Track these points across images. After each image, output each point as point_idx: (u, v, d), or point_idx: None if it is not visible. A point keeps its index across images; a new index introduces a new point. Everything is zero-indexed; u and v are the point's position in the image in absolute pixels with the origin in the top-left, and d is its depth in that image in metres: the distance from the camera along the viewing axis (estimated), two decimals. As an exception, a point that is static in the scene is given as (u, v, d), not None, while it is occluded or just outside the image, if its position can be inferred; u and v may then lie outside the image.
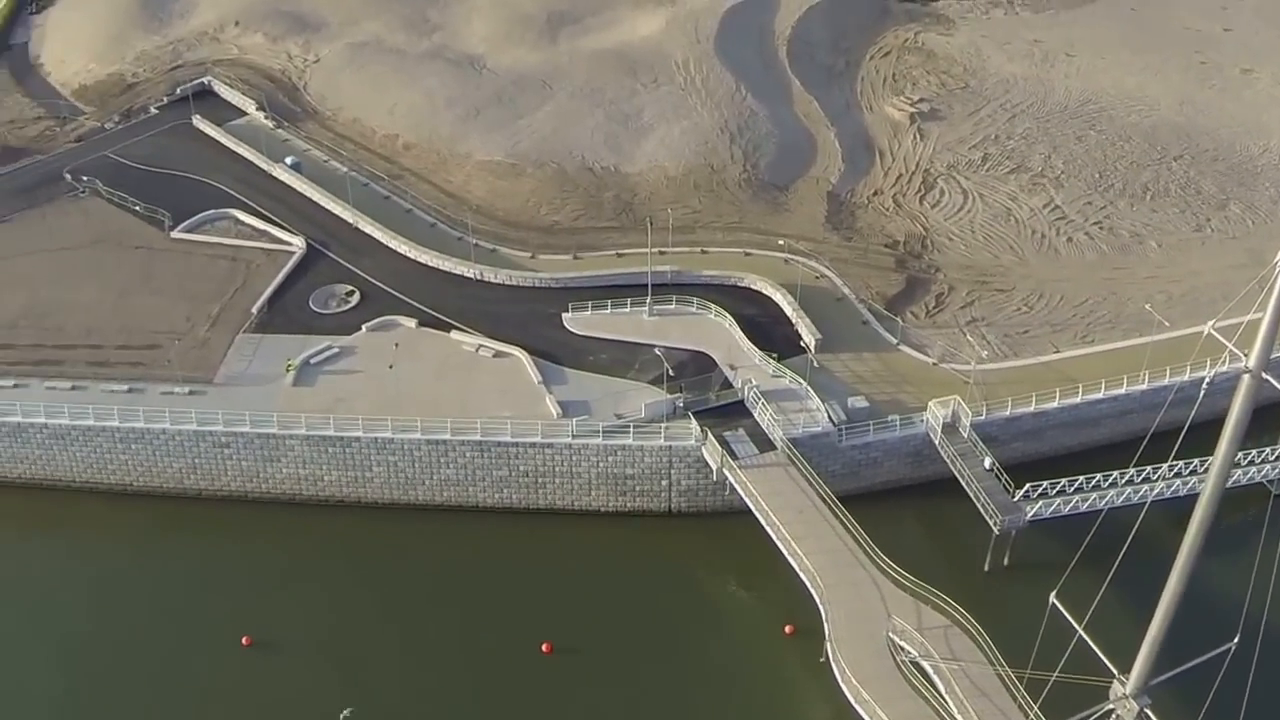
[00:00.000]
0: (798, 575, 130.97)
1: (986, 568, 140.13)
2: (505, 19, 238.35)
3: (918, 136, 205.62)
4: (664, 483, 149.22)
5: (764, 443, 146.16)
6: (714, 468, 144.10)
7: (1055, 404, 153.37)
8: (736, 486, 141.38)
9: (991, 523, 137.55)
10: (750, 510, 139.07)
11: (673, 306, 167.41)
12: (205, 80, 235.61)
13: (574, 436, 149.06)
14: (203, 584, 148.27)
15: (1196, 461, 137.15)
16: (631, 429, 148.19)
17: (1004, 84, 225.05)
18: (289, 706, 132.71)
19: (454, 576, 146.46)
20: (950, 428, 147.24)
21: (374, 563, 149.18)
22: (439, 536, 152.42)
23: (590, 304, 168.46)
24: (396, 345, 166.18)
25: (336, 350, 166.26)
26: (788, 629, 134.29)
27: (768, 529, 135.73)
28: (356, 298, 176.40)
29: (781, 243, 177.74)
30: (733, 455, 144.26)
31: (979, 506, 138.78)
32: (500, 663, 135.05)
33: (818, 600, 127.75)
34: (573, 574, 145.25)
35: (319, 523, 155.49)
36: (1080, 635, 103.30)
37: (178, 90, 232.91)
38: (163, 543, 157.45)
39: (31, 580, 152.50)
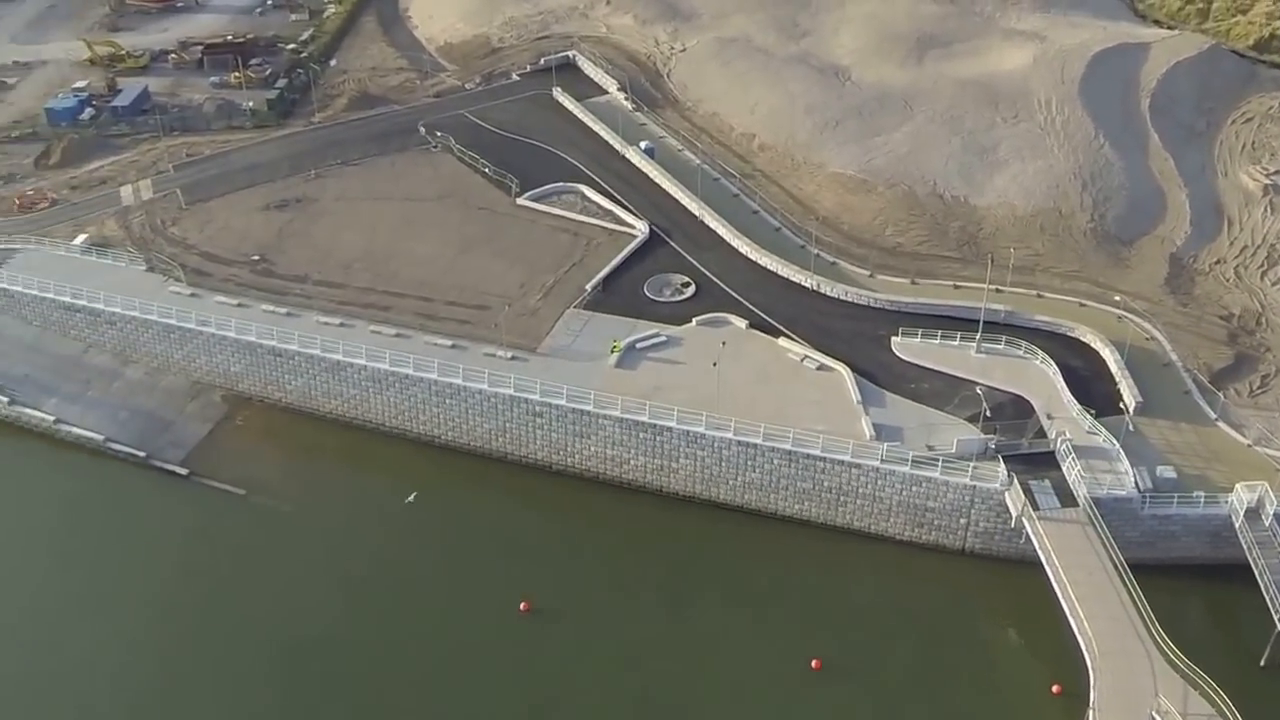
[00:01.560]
0: (1075, 635, 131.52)
1: (1263, 662, 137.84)
2: (875, 34, 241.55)
3: (1269, 209, 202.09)
4: (962, 521, 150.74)
5: (1067, 497, 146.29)
6: (1014, 514, 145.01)
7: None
8: (1032, 536, 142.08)
9: (1277, 618, 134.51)
10: (1040, 562, 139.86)
11: (1001, 346, 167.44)
12: (570, 54, 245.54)
13: (882, 461, 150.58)
14: (490, 543, 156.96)
15: None
16: (940, 463, 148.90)
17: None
18: (555, 674, 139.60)
19: (738, 578, 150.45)
20: (1253, 513, 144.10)
21: (665, 552, 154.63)
22: (732, 537, 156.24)
23: (920, 332, 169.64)
24: (724, 344, 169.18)
25: (664, 339, 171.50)
26: (1055, 688, 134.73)
27: (1054, 584, 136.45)
28: (691, 290, 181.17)
29: (1118, 298, 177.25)
30: (1034, 505, 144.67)
31: (1267, 599, 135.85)
32: (769, 673, 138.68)
33: (1089, 665, 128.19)
34: (856, 595, 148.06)
35: (617, 504, 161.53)
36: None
37: (542, 60, 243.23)
38: (459, 497, 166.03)
39: (328, 512, 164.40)
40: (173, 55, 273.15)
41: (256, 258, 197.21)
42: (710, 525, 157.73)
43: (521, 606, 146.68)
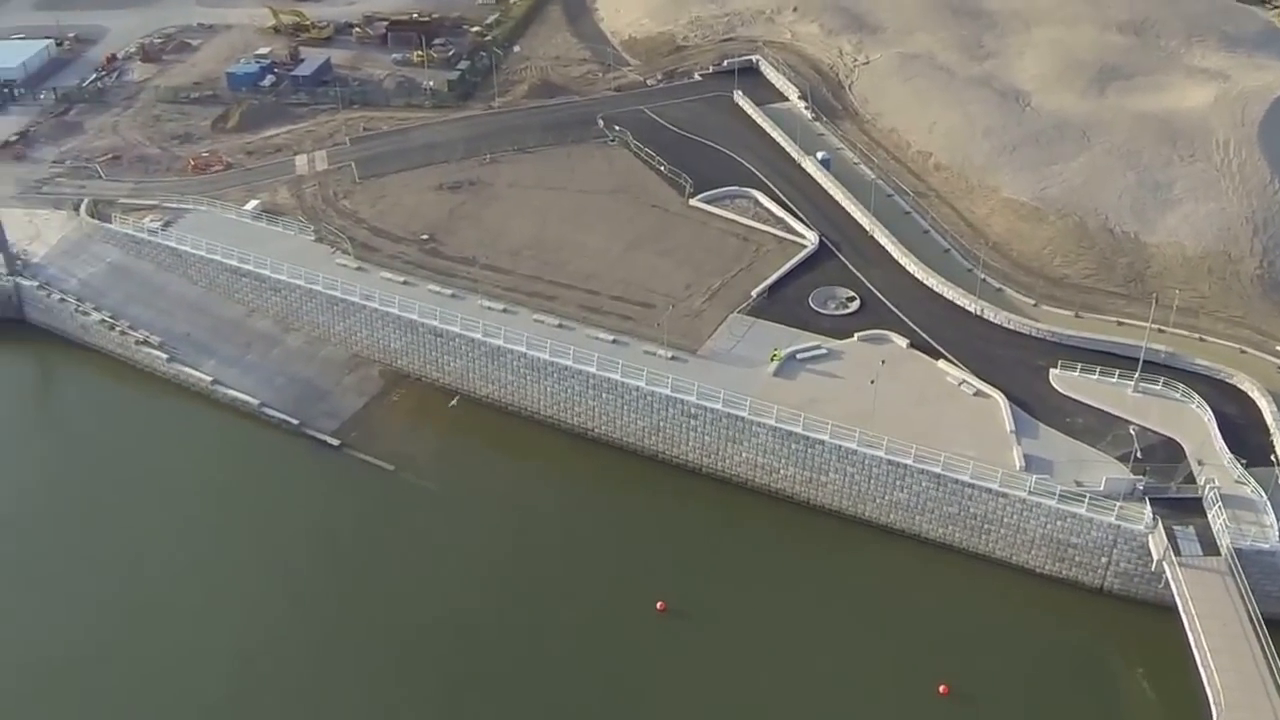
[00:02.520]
0: (1204, 686, 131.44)
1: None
2: (1058, 61, 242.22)
3: None
4: (1103, 559, 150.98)
5: (1210, 545, 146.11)
6: (1155, 557, 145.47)
7: None
8: (1171, 581, 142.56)
9: None
10: (1177, 607, 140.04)
11: (1158, 387, 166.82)
12: (753, 58, 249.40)
13: (1029, 492, 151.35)
14: (632, 539, 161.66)
15: None
16: (1087, 499, 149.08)
17: None
18: (683, 675, 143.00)
19: (874, 595, 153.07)
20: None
21: (804, 563, 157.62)
22: (873, 554, 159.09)
23: (1079, 366, 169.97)
24: (883, 361, 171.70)
25: (824, 351, 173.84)
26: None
27: (1188, 631, 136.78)
28: (856, 304, 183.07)
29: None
30: (1176, 550, 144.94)
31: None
32: (896, 693, 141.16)
33: (1214, 717, 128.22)
34: (989, 624, 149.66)
35: (763, 512, 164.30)
36: None
37: (725, 62, 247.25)
38: (606, 491, 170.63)
39: (475, 494, 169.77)
40: (357, 29, 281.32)
41: (425, 237, 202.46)
42: (852, 541, 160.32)
43: (658, 606, 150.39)
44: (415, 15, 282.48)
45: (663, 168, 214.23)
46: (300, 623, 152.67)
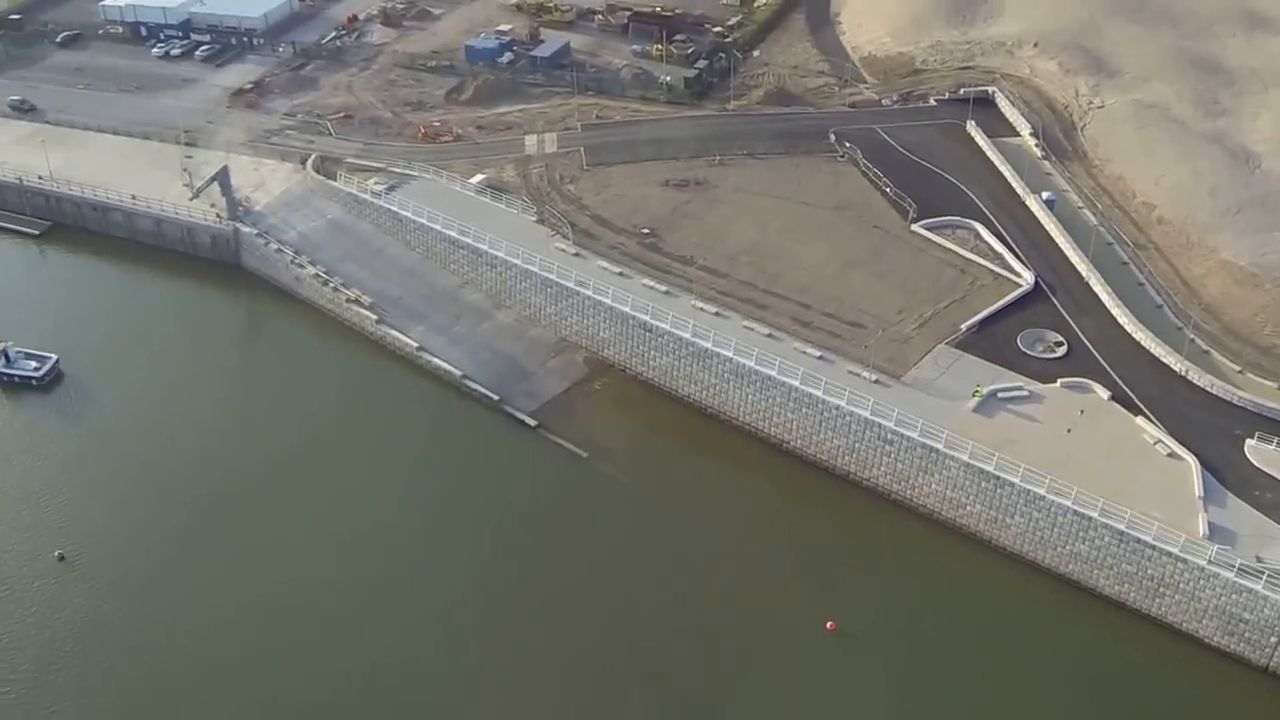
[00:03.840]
0: None
1: None
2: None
3: None
4: (1272, 639, 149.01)
5: None
6: None
7: None
8: None
9: None
10: None
11: None
12: (989, 89, 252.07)
13: (1209, 561, 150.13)
14: (811, 555, 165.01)
15: None
16: (1265, 577, 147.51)
17: None
18: (848, 694, 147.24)
19: (1039, 642, 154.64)
20: None
21: (976, 601, 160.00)
22: (1044, 603, 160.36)
23: (1276, 440, 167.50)
24: (1082, 411, 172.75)
25: (1026, 393, 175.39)
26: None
27: None
28: (1063, 350, 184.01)
29: None
30: None
31: None
32: None
33: None
34: (1151, 689, 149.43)
35: (943, 545, 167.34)
36: None
37: (960, 90, 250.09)
38: (793, 505, 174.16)
39: (664, 490, 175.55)
40: (599, 16, 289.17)
41: (646, 231, 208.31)
42: (1028, 587, 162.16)
43: (828, 625, 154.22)
44: (659, 9, 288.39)
45: (888, 189, 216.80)
46: (478, 591, 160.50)
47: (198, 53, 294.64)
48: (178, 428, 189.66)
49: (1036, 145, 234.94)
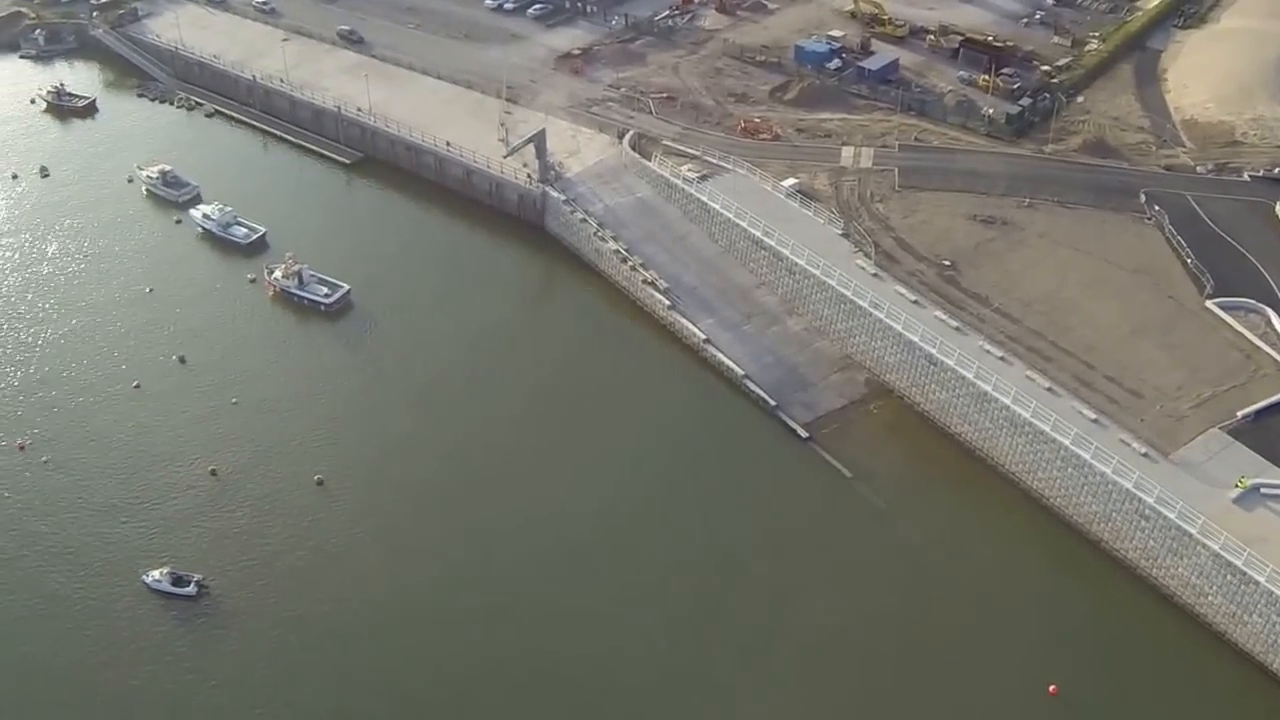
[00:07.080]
0: None
1: None
2: None
3: None
4: None
5: None
6: None
7: None
8: None
9: None
10: None
11: None
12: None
13: None
14: (1041, 617, 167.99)
15: None
16: None
17: None
18: None
19: None
20: None
21: (1202, 688, 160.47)
22: (1264, 711, 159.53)
23: None
24: None
25: None
26: None
27: None
28: None
29: None
30: None
31: None
32: None
33: None
34: None
35: (1174, 627, 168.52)
36: None
37: (1276, 170, 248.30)
38: (1035, 559, 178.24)
39: (920, 523, 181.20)
40: (930, 36, 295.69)
41: (947, 263, 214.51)
42: (1253, 689, 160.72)
43: (1050, 689, 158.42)
44: (990, 38, 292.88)
45: (1189, 260, 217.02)
46: (725, 590, 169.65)
47: (531, 9, 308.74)
48: (452, 374, 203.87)
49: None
